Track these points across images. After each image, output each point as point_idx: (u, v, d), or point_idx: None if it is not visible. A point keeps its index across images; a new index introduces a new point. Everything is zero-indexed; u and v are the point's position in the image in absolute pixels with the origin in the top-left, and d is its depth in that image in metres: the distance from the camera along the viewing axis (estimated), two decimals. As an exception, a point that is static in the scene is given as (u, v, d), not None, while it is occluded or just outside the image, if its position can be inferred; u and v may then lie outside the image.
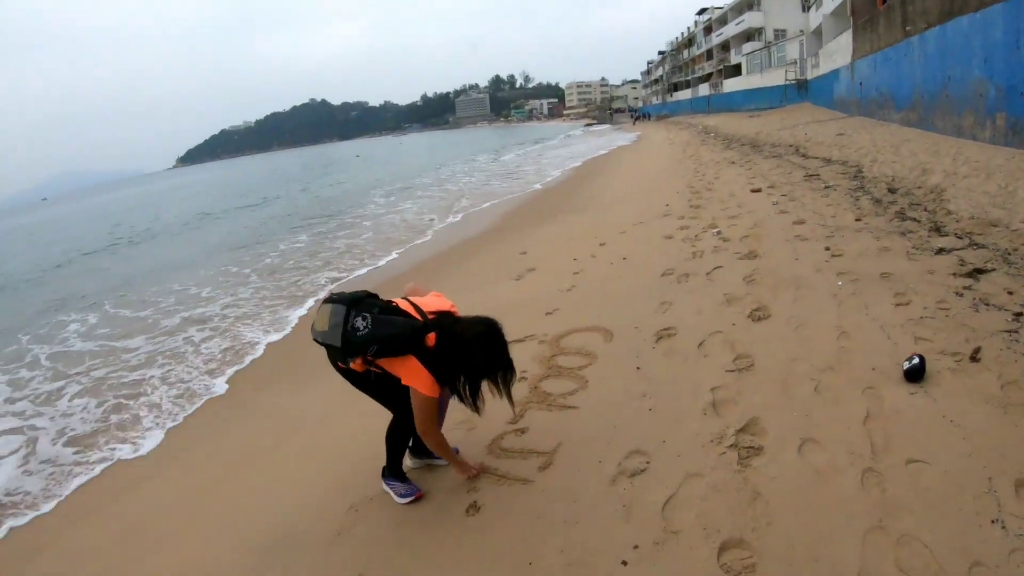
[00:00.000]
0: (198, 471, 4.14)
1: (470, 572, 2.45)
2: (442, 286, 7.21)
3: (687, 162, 14.62)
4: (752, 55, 39.94)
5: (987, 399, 2.72)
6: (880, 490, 2.33)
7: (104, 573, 3.21)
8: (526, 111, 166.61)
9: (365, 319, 2.51)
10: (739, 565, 2.16)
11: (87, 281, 13.37)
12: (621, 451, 2.98)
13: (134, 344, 7.56)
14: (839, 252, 5.07)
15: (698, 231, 6.88)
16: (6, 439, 5.36)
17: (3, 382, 6.96)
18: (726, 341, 3.91)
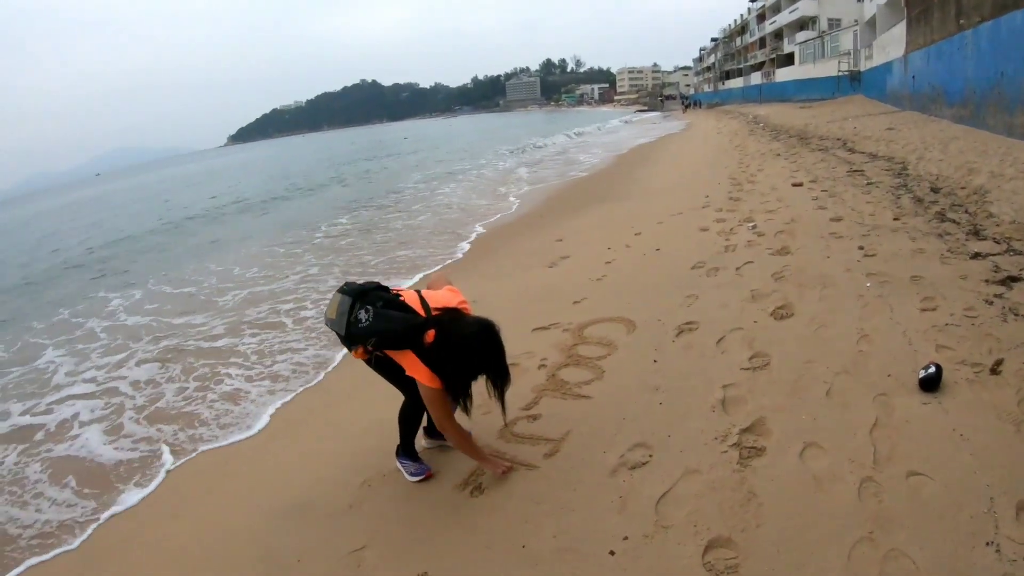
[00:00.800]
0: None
1: (465, 550, 2.50)
2: (478, 270, 7.32)
3: (732, 153, 14.15)
4: (805, 44, 38.10)
5: (1001, 415, 2.56)
6: (877, 501, 2.24)
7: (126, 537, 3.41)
8: (576, 96, 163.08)
9: (368, 312, 2.56)
10: (722, 565, 2.13)
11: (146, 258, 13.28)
12: (626, 443, 2.96)
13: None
14: (872, 252, 4.85)
15: (734, 224, 6.68)
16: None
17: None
18: (745, 338, 3.81)
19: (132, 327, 7.62)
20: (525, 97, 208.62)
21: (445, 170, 23.71)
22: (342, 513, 2.89)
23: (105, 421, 4.86)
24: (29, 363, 6.74)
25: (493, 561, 2.40)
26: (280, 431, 4.17)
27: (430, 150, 39.24)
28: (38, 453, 4.51)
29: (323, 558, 2.61)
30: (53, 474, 4.16)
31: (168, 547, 3.02)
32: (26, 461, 4.41)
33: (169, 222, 19.77)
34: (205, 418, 4.60)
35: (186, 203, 26.67)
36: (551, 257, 7.05)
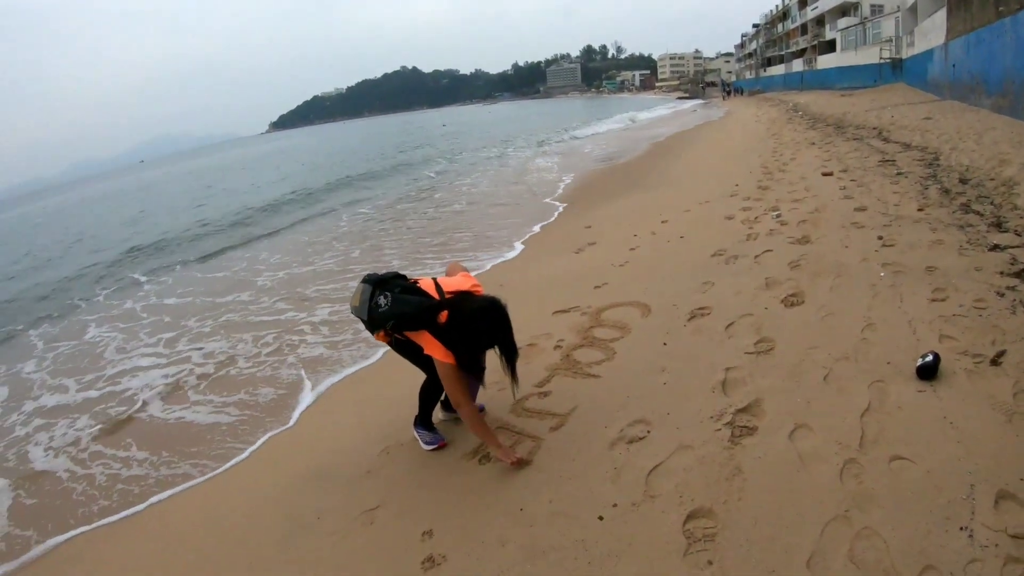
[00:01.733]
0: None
1: (468, 511, 2.61)
2: (503, 255, 7.41)
3: (768, 141, 13.73)
4: (847, 31, 36.11)
5: (995, 405, 2.50)
6: (857, 482, 2.24)
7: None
8: (617, 83, 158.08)
9: (387, 298, 2.72)
10: (700, 533, 2.18)
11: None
12: (627, 419, 3.02)
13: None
14: (891, 242, 4.71)
15: (759, 213, 6.54)
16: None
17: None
18: (754, 324, 3.79)
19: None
20: (566, 84, 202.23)
21: (485, 157, 23.53)
22: (361, 477, 3.04)
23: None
24: (89, 337, 7.18)
25: (492, 521, 2.50)
26: (321, 405, 4.33)
27: (467, 138, 38.10)
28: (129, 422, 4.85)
29: (340, 516, 2.76)
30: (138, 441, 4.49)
31: (206, 511, 3.21)
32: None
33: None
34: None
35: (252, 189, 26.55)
36: (578, 243, 7.07)
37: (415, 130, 58.85)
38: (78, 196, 49.50)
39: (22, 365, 6.61)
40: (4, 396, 5.77)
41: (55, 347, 7.12)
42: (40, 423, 4.96)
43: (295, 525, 2.76)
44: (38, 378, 6.07)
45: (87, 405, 5.15)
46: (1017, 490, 2.05)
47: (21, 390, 5.83)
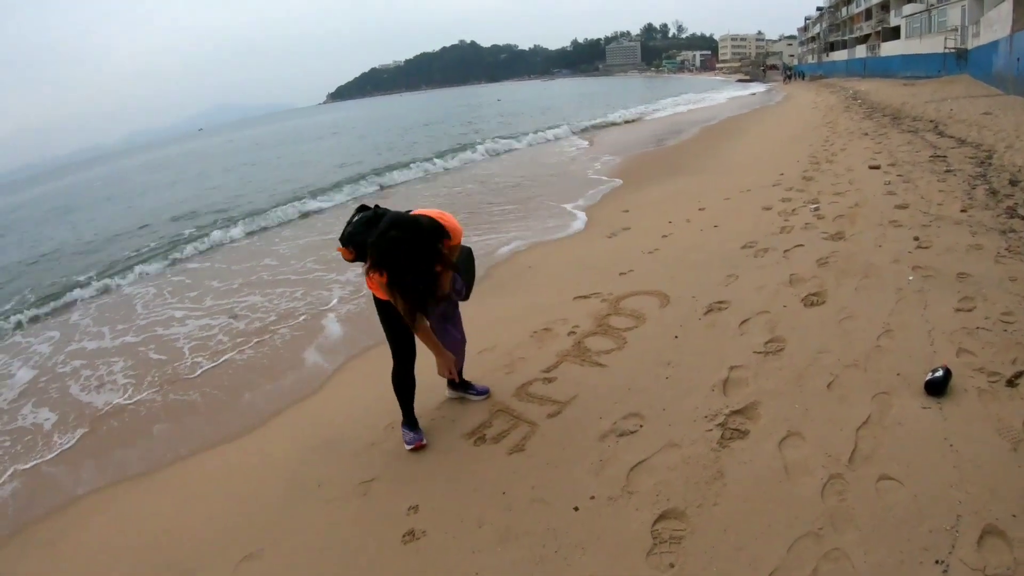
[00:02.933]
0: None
1: (455, 489, 2.61)
2: (537, 235, 7.27)
3: (821, 129, 12.85)
4: (912, 18, 32.94)
5: (1002, 431, 2.27)
6: (838, 499, 2.09)
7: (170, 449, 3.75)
8: (677, 62, 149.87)
9: (358, 217, 2.71)
10: (668, 534, 2.10)
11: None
12: (622, 412, 2.93)
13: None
14: (927, 244, 4.33)
15: (798, 205, 6.15)
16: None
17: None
18: (769, 322, 3.59)
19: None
20: (625, 62, 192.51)
21: (532, 135, 21.43)
22: (364, 449, 3.07)
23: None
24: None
25: (475, 502, 2.50)
26: (345, 376, 4.34)
27: (520, 114, 35.89)
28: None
29: (339, 485, 2.81)
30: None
31: (222, 472, 3.29)
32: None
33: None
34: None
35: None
36: (613, 227, 6.87)
37: (468, 107, 56.16)
38: (162, 158, 51.10)
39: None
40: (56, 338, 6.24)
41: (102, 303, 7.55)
42: (81, 365, 5.33)
43: (297, 490, 2.84)
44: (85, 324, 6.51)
45: (124, 360, 5.40)
46: (1006, 527, 1.85)
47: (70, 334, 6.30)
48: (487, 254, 6.67)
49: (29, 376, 5.34)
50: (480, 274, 5.88)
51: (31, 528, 3.16)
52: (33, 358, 5.80)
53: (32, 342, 6.32)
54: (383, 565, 2.25)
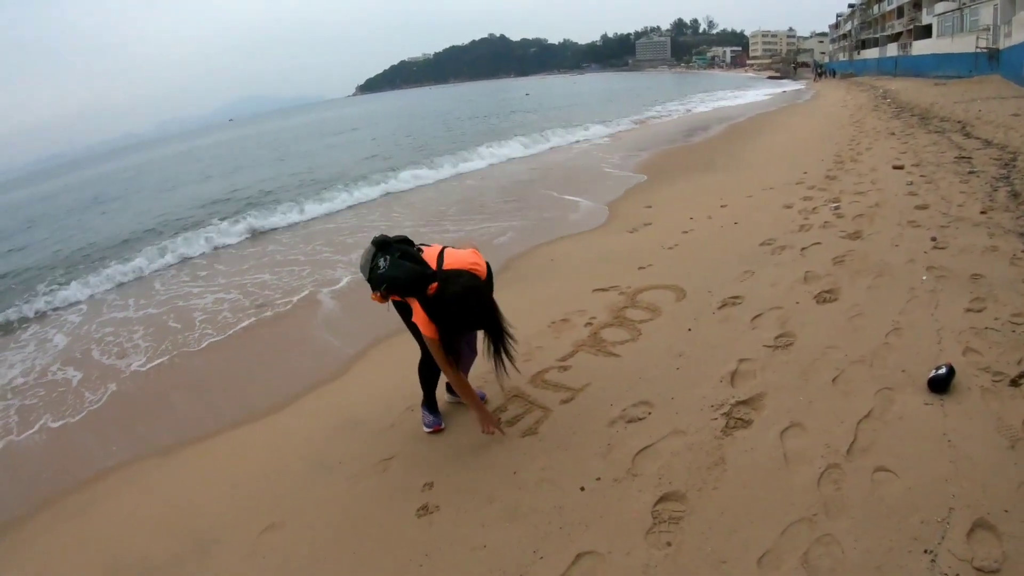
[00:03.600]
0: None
1: (468, 468, 2.72)
2: (561, 230, 7.32)
3: (848, 128, 12.58)
4: (944, 16, 31.50)
5: (1001, 429, 2.27)
6: (834, 488, 2.13)
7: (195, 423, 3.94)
8: (708, 58, 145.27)
9: (386, 261, 2.67)
10: (667, 515, 2.17)
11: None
12: (633, 399, 2.99)
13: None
14: (943, 245, 4.26)
15: (819, 204, 6.08)
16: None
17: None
18: (780, 317, 3.60)
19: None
20: (654, 57, 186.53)
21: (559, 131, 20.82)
22: (384, 430, 3.19)
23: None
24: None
25: (487, 480, 2.60)
26: (373, 358, 4.42)
27: (549, 110, 34.23)
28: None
29: (358, 462, 2.93)
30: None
31: (248, 449, 3.40)
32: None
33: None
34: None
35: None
36: (635, 222, 6.88)
37: (496, 102, 53.76)
38: (207, 143, 51.63)
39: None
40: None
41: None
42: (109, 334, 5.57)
43: (319, 467, 2.97)
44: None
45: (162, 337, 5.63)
46: (997, 521, 1.87)
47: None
48: (507, 247, 6.77)
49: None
50: (502, 266, 6.04)
51: (60, 501, 3.30)
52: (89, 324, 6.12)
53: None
54: (398, 536, 2.37)
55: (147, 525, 2.84)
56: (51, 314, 7.05)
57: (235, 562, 2.45)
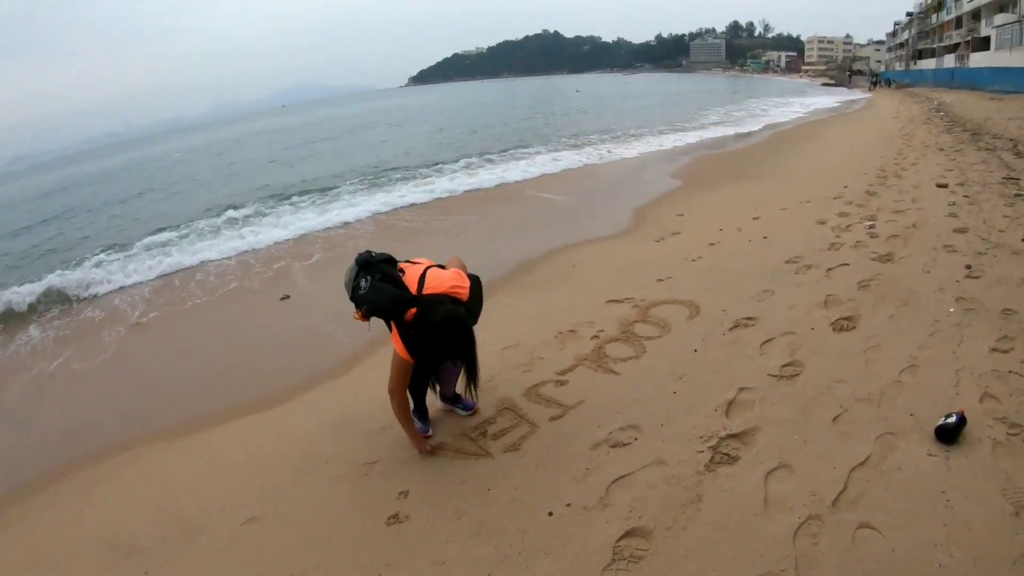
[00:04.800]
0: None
1: (444, 480, 2.64)
2: (585, 233, 7.11)
3: (896, 141, 11.75)
4: (1002, 28, 28.92)
5: (1007, 491, 2.01)
6: (811, 542, 1.93)
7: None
8: (762, 62, 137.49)
9: (367, 282, 2.60)
10: (629, 552, 2.03)
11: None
12: (622, 422, 2.84)
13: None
14: (978, 273, 3.89)
15: (854, 221, 5.67)
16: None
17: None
18: (791, 344, 3.35)
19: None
20: (709, 59, 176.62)
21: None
22: (375, 432, 3.13)
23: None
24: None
25: (460, 494, 2.52)
26: (379, 358, 4.25)
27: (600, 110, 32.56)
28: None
29: (344, 464, 2.89)
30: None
31: (247, 442, 3.40)
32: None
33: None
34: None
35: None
36: (663, 231, 6.62)
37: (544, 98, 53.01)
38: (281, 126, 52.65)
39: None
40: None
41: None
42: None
43: (308, 464, 2.95)
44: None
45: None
46: (983, 599, 1.66)
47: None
48: (532, 245, 6.67)
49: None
50: (523, 267, 5.93)
51: (69, 475, 3.39)
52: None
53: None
54: (365, 542, 2.33)
55: (142, 508, 2.89)
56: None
57: (214, 552, 2.46)
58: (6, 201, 23.89)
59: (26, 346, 5.80)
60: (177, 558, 2.47)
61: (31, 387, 4.86)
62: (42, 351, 5.59)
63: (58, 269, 8.42)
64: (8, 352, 5.73)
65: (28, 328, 6.28)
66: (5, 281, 8.50)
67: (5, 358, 5.60)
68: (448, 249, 5.88)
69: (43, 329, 6.23)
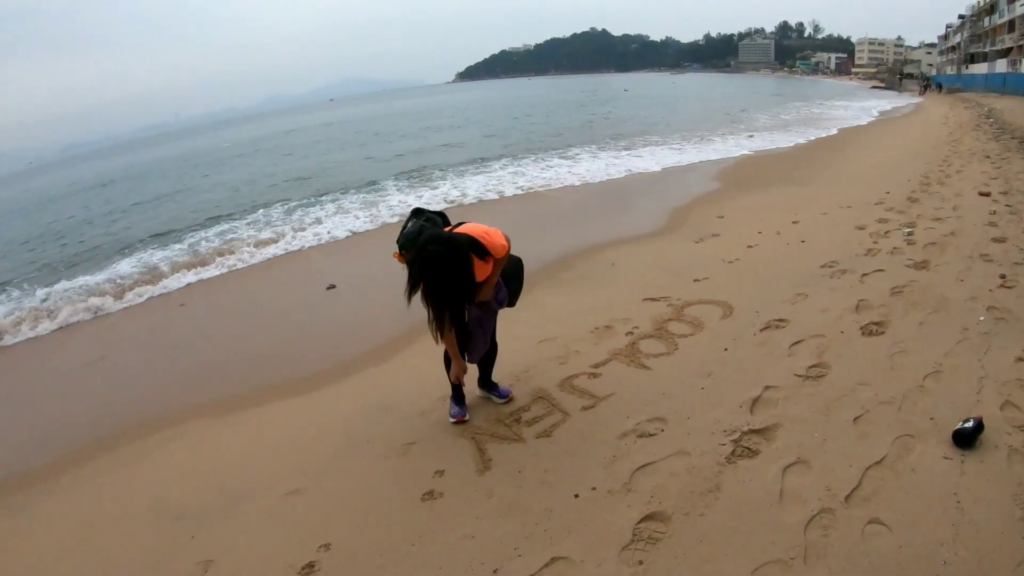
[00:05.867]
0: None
1: (479, 462, 2.77)
2: (625, 231, 7.15)
3: (943, 147, 11.30)
4: None
5: (1018, 496, 2.04)
6: (821, 534, 2.02)
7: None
8: (812, 64, 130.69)
9: (412, 223, 2.79)
10: (647, 534, 2.15)
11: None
12: (650, 414, 2.95)
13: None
14: (1012, 283, 3.80)
15: (893, 228, 5.56)
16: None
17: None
18: (820, 347, 3.38)
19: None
20: (757, 60, 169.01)
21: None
22: (415, 416, 3.30)
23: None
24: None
25: (491, 476, 2.66)
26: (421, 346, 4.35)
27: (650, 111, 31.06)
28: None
29: (384, 444, 3.06)
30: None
31: (294, 421, 3.59)
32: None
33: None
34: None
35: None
36: (703, 232, 6.59)
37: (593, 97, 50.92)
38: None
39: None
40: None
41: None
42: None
43: (349, 443, 3.13)
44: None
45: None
46: (983, 597, 1.70)
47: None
48: (572, 247, 6.73)
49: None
50: (563, 264, 6.02)
51: (122, 447, 3.61)
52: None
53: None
54: (400, 516, 2.49)
55: (190, 478, 3.10)
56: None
57: (257, 519, 2.64)
58: (107, 181, 25.83)
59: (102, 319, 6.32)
60: (222, 523, 2.66)
61: (96, 359, 5.28)
62: (112, 324, 6.10)
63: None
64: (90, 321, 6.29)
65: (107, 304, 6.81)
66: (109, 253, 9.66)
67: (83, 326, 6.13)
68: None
69: (123, 306, 6.79)
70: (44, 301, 7.05)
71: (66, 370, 5.19)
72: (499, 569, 2.10)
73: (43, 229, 14.40)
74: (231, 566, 2.37)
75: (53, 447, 3.80)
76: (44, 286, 7.86)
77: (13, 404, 4.63)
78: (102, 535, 2.76)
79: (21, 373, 5.33)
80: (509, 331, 4.18)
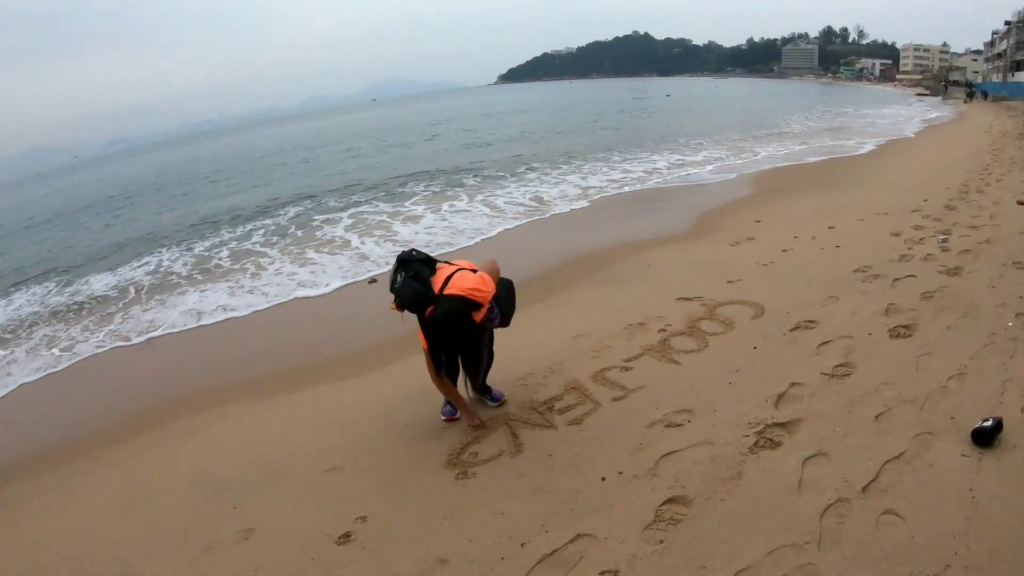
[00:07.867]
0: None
1: (512, 445, 2.89)
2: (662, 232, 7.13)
3: (984, 156, 10.84)
4: None
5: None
6: (836, 521, 2.10)
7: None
8: (856, 69, 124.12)
9: (402, 277, 2.83)
10: (669, 515, 2.26)
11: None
12: (678, 406, 3.05)
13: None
14: None
15: (928, 235, 5.47)
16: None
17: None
18: (847, 347, 3.40)
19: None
20: (801, 65, 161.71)
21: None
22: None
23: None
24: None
25: (523, 459, 2.80)
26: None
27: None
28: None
29: (421, 426, 3.22)
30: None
31: (333, 404, 3.71)
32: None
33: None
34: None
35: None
36: (739, 236, 6.53)
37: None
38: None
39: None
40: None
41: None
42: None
43: (387, 426, 3.29)
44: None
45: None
46: (993, 585, 1.74)
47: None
48: (612, 247, 6.78)
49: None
50: (599, 264, 6.08)
51: (167, 424, 3.81)
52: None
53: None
54: (434, 493, 2.64)
55: (231, 455, 3.27)
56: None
57: (296, 493, 2.80)
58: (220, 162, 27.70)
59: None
60: (262, 496, 2.83)
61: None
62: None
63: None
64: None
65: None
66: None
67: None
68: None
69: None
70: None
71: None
72: (526, 543, 2.24)
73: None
74: (271, 534, 2.53)
75: (104, 421, 4.07)
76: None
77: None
78: (148, 504, 2.93)
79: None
80: (543, 326, 4.36)
